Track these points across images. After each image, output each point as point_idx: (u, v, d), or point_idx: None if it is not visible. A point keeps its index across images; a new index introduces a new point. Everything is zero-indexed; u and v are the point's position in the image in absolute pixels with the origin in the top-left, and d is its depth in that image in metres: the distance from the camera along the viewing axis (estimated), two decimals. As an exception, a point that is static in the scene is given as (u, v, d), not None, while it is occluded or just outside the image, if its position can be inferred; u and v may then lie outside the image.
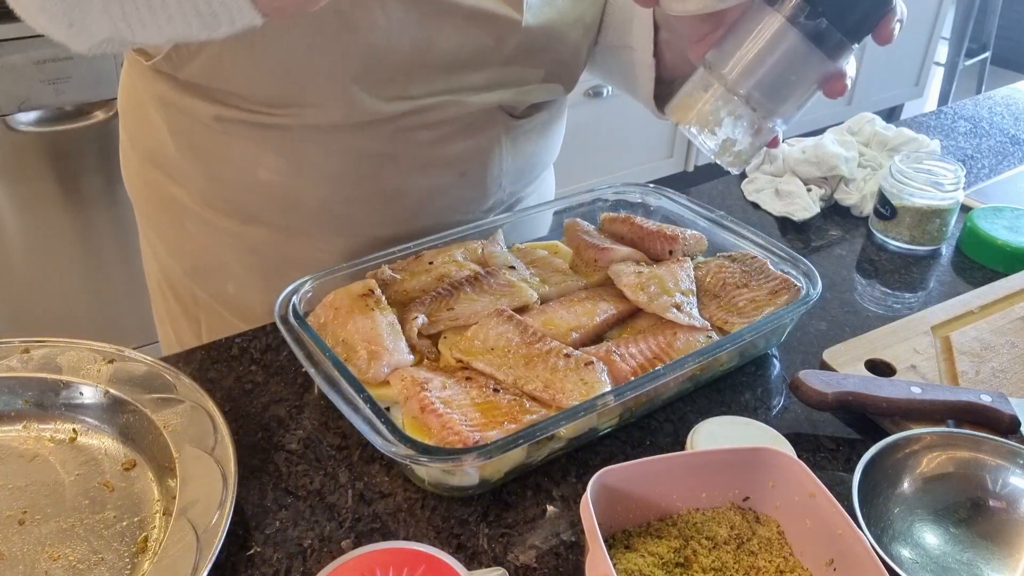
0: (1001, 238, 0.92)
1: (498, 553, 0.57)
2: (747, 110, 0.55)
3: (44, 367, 0.66)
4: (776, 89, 0.54)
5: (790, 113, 0.56)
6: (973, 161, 1.19)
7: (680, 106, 0.57)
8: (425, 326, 0.69)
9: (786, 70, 0.53)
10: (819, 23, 0.51)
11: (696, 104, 0.56)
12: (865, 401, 0.66)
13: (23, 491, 0.60)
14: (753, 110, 0.55)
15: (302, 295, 0.70)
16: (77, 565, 0.55)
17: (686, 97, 0.57)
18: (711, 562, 0.53)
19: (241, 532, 0.58)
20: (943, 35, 3.53)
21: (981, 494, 0.61)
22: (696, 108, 0.56)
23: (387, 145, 0.75)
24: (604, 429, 0.66)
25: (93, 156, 1.68)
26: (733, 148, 0.57)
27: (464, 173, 0.80)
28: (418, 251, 0.77)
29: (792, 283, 0.74)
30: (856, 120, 1.13)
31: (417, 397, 0.60)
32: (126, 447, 0.63)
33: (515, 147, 0.83)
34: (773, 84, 0.54)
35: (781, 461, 0.55)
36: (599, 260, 0.79)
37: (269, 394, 0.70)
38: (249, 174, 0.77)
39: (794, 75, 0.54)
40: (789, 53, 0.53)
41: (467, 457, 0.55)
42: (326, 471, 0.63)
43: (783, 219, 1.01)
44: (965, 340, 0.76)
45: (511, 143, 0.82)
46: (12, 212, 1.65)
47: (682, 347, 0.67)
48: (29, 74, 1.54)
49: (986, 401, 0.66)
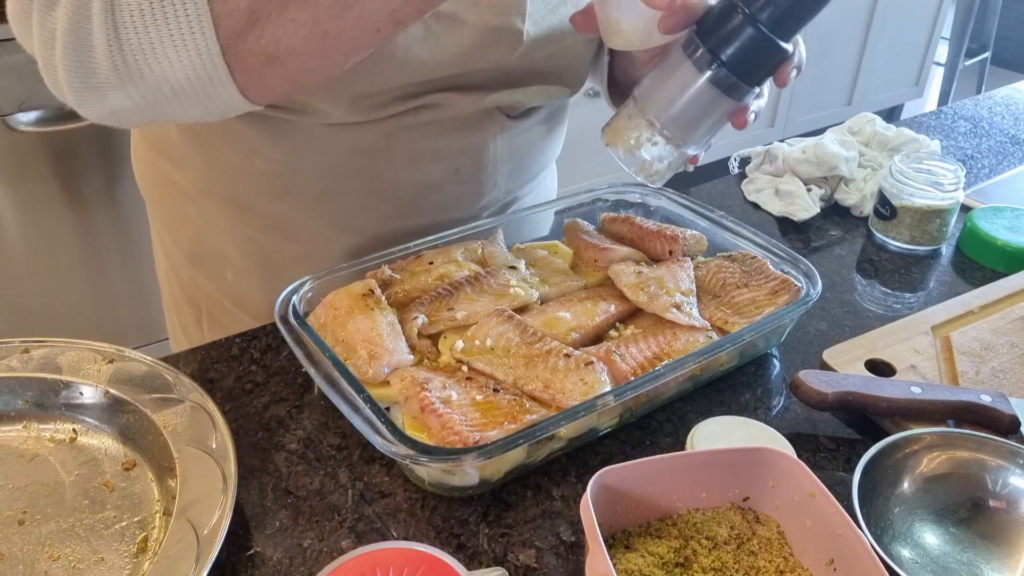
0: (1001, 238, 0.92)
1: (498, 553, 0.57)
2: (662, 138, 0.65)
3: (44, 367, 0.66)
4: (687, 122, 0.64)
5: (700, 141, 0.66)
6: (973, 161, 1.19)
7: (610, 131, 0.67)
8: (425, 326, 0.69)
9: (695, 108, 0.63)
10: (722, 71, 0.60)
11: (622, 131, 0.66)
12: (865, 401, 0.66)
13: (23, 491, 0.60)
14: (667, 139, 0.65)
15: (302, 295, 0.70)
16: (77, 565, 0.55)
17: (615, 123, 0.67)
18: (711, 562, 0.53)
19: (241, 532, 0.58)
20: (943, 35, 3.53)
21: (981, 494, 0.61)
22: (622, 134, 0.66)
23: (381, 139, 0.76)
24: (604, 429, 0.66)
25: (93, 156, 1.68)
26: (651, 168, 0.67)
27: (458, 169, 0.81)
28: (418, 251, 0.77)
29: (792, 283, 0.74)
30: (856, 120, 1.13)
31: (417, 397, 0.60)
32: (126, 447, 0.63)
33: (511, 146, 0.83)
34: (684, 118, 0.64)
35: (781, 461, 0.55)
36: (599, 260, 0.79)
37: (269, 394, 0.70)
38: (247, 162, 0.78)
39: (701, 112, 0.63)
40: (697, 95, 0.62)
41: (467, 457, 0.55)
42: (326, 471, 0.63)
43: (783, 219, 1.01)
44: (965, 340, 0.76)
45: (506, 142, 0.82)
46: (12, 212, 1.65)
47: (682, 347, 0.67)
48: (29, 74, 1.53)
49: (986, 401, 0.66)
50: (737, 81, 0.61)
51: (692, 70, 0.61)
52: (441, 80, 0.73)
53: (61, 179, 1.66)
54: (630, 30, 0.62)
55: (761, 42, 0.59)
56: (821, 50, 2.98)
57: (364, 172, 0.78)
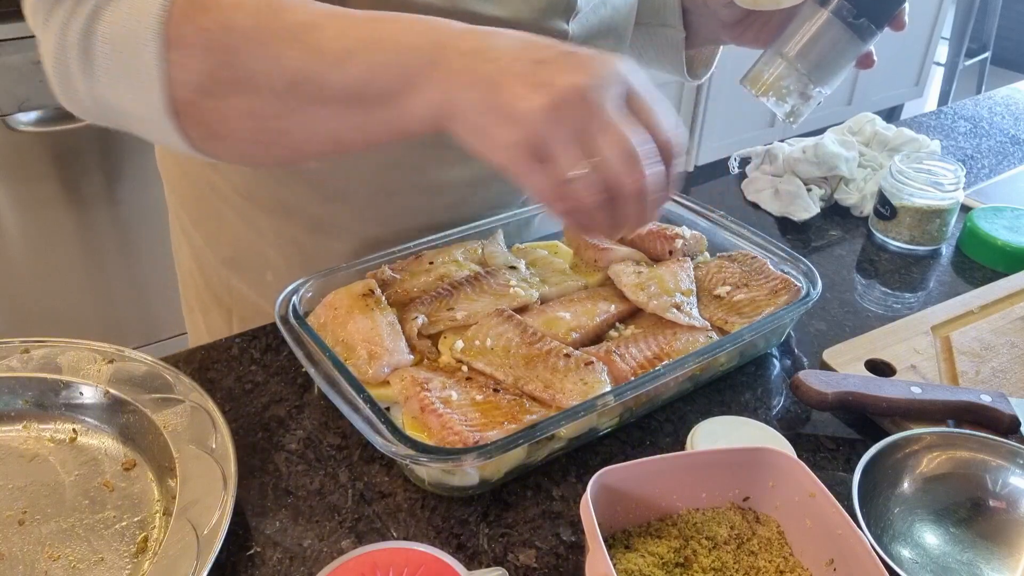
0: (1001, 238, 0.92)
1: (498, 553, 0.57)
2: (804, 81, 0.73)
3: (44, 367, 0.66)
4: (826, 65, 0.73)
5: (834, 82, 0.75)
6: (973, 161, 1.19)
7: (753, 80, 0.76)
8: (425, 326, 0.69)
9: (833, 51, 0.72)
10: (858, 18, 0.70)
11: (769, 79, 0.75)
12: (865, 401, 0.66)
13: (23, 491, 0.60)
14: (809, 81, 0.73)
15: (302, 295, 0.70)
16: (77, 565, 0.55)
17: (757, 74, 0.76)
18: (711, 562, 0.53)
19: (241, 532, 0.58)
20: (943, 35, 3.53)
21: (981, 494, 0.61)
22: (769, 82, 0.75)
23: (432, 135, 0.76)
24: (604, 429, 0.66)
25: (93, 156, 1.68)
26: (798, 110, 0.76)
27: None
28: (418, 251, 0.77)
29: (792, 283, 0.74)
30: (856, 120, 1.13)
31: (417, 397, 0.60)
32: (126, 447, 0.63)
33: None
34: (824, 62, 0.73)
35: (781, 461, 0.55)
36: (599, 260, 0.79)
37: (269, 394, 0.70)
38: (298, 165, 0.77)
39: (839, 55, 0.73)
40: (833, 39, 0.71)
41: (467, 457, 0.55)
42: (326, 471, 0.63)
43: (783, 219, 1.01)
44: (965, 340, 0.76)
45: None
46: (12, 212, 1.65)
47: (682, 347, 0.67)
48: (29, 74, 1.54)
49: (986, 401, 0.66)
50: (870, 24, 0.70)
51: (828, 15, 0.71)
52: None
53: (61, 179, 1.66)
54: None
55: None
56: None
57: (416, 169, 0.77)
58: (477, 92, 0.49)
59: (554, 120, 0.48)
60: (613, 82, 0.50)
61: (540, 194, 0.51)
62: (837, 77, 0.74)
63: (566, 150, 0.49)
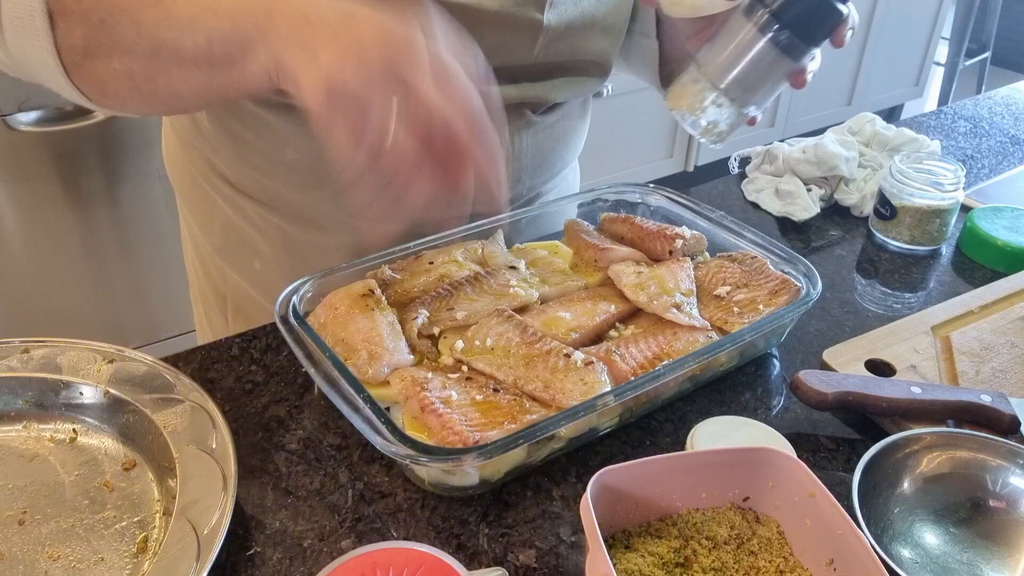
0: (1001, 238, 0.92)
1: (498, 553, 0.57)
2: (726, 100, 0.68)
3: (44, 367, 0.66)
4: (749, 84, 0.67)
5: (761, 101, 0.69)
6: (973, 161, 1.19)
7: (673, 95, 0.70)
8: (425, 326, 0.69)
9: (756, 69, 0.66)
10: (783, 33, 0.64)
11: (687, 95, 0.69)
12: (865, 401, 0.66)
13: (23, 491, 0.60)
14: (731, 100, 0.68)
15: (302, 295, 0.70)
16: (77, 565, 0.55)
17: (679, 88, 0.70)
18: (711, 562, 0.53)
19: (241, 532, 0.58)
20: (943, 35, 3.53)
21: (981, 494, 0.61)
22: (687, 98, 0.69)
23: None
24: (604, 429, 0.66)
25: (93, 156, 1.68)
26: (714, 129, 0.70)
27: None
28: (418, 251, 0.77)
29: (792, 283, 0.74)
30: (856, 120, 1.13)
31: (417, 397, 0.60)
32: (126, 447, 0.63)
33: (535, 142, 0.84)
34: (746, 80, 0.67)
35: (781, 461, 0.55)
36: (599, 260, 0.79)
37: (269, 394, 0.70)
38: (278, 153, 0.79)
39: (763, 73, 0.66)
40: (759, 56, 0.65)
41: (467, 457, 0.55)
42: (326, 471, 0.63)
43: (783, 219, 1.01)
44: (965, 340, 0.76)
45: (531, 137, 0.83)
46: (12, 212, 1.65)
47: (682, 347, 0.67)
48: (29, 74, 1.54)
49: (986, 401, 0.66)
50: (798, 42, 0.64)
51: (754, 32, 0.65)
52: None
53: (61, 179, 1.67)
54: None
55: (820, 3, 0.63)
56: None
57: None
58: (297, 54, 0.53)
59: (360, 83, 0.51)
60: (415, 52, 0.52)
61: (338, 148, 0.53)
62: (765, 96, 0.69)
63: (362, 113, 0.51)
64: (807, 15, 0.64)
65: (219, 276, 0.92)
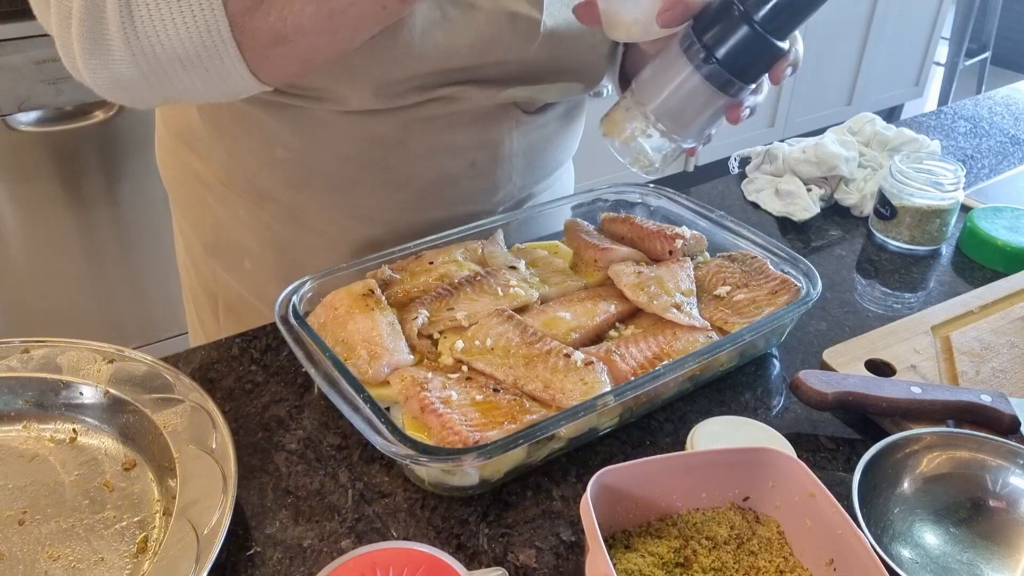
0: (1001, 238, 0.92)
1: (498, 553, 0.57)
2: (657, 131, 0.66)
3: (44, 367, 0.66)
4: (681, 116, 0.65)
5: (695, 135, 0.66)
6: (973, 161, 1.19)
7: (607, 121, 0.68)
8: (425, 326, 0.69)
9: (688, 102, 0.64)
10: (715, 68, 0.61)
11: (619, 122, 0.67)
12: (865, 401, 0.66)
13: (23, 491, 0.60)
14: (662, 132, 0.65)
15: (302, 295, 0.70)
16: (77, 565, 0.55)
17: (612, 114, 0.68)
18: (711, 562, 0.53)
19: (241, 532, 0.58)
20: (943, 35, 3.53)
21: (981, 494, 0.61)
22: (619, 125, 0.67)
23: (398, 131, 0.76)
24: (604, 429, 0.66)
25: (93, 156, 1.68)
26: (645, 159, 0.68)
27: (473, 163, 0.81)
28: (418, 251, 0.77)
29: (792, 283, 0.74)
30: (856, 120, 1.13)
31: (417, 397, 0.60)
32: (126, 447, 0.63)
33: (526, 141, 0.84)
34: (678, 112, 0.64)
35: (781, 461, 0.55)
36: (599, 260, 0.79)
37: (269, 394, 0.70)
38: (266, 151, 0.79)
39: (696, 106, 0.64)
40: (691, 89, 0.63)
41: (467, 457, 0.55)
42: (326, 471, 0.63)
43: (783, 219, 1.01)
44: (965, 340, 0.76)
45: (522, 137, 0.83)
46: (12, 212, 1.65)
47: (682, 347, 0.67)
48: (29, 74, 1.54)
49: (986, 401, 0.66)
50: (731, 78, 0.61)
51: (687, 65, 0.62)
52: (458, 71, 0.73)
53: (61, 179, 1.67)
54: (630, 21, 0.62)
55: (755, 40, 0.59)
56: (821, 50, 2.99)
57: (380, 163, 0.78)
58: None
59: None
60: None
61: None
62: (700, 129, 0.66)
63: None
64: (742, 52, 0.60)
65: (210, 275, 0.92)
